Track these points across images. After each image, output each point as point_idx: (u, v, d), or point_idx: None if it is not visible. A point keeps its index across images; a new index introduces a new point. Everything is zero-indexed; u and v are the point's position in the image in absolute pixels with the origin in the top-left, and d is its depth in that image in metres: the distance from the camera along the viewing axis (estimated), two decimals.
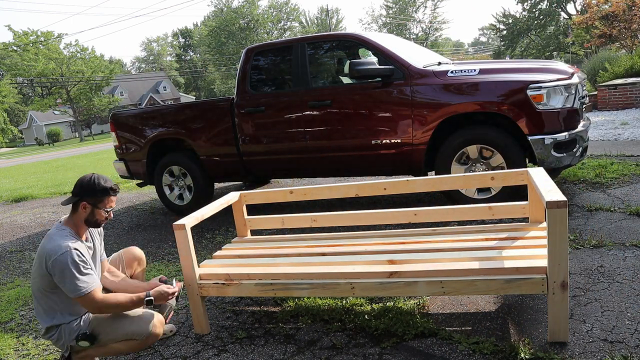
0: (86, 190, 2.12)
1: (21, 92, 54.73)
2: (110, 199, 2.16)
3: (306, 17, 61.68)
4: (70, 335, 2.12)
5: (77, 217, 2.15)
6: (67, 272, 1.98)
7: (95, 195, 2.12)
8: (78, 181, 2.16)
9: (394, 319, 2.37)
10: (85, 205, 2.12)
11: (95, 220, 2.17)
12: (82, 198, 2.12)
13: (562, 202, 1.84)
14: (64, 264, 1.98)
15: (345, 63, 4.65)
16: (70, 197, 2.15)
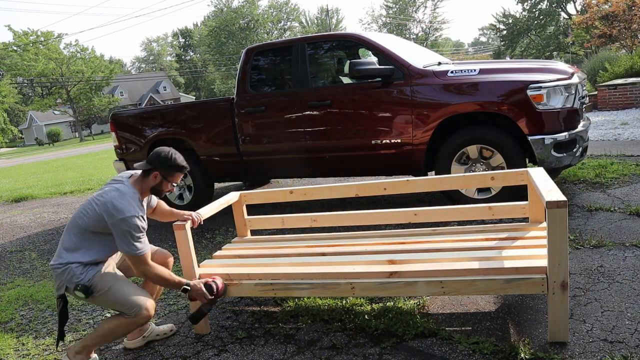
0: (162, 162, 2.26)
1: (21, 92, 54.74)
2: (179, 175, 2.33)
3: (306, 17, 61.71)
4: (72, 278, 2.18)
5: (145, 183, 2.29)
6: (130, 234, 2.12)
7: (168, 169, 2.27)
8: (155, 152, 2.28)
9: (394, 319, 2.37)
10: (157, 175, 2.27)
11: (160, 190, 2.33)
12: (156, 168, 2.26)
13: (562, 202, 1.84)
14: (131, 226, 2.12)
15: (345, 63, 4.65)
16: (144, 163, 2.28)
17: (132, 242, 2.14)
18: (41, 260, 4.40)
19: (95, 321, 2.90)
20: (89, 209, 2.20)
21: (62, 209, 6.83)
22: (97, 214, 2.16)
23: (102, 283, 2.21)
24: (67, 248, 2.23)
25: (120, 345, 2.56)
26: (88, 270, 2.20)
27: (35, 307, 3.26)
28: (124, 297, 2.22)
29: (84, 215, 2.22)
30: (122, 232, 2.12)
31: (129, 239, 2.13)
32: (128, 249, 2.15)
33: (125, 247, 2.15)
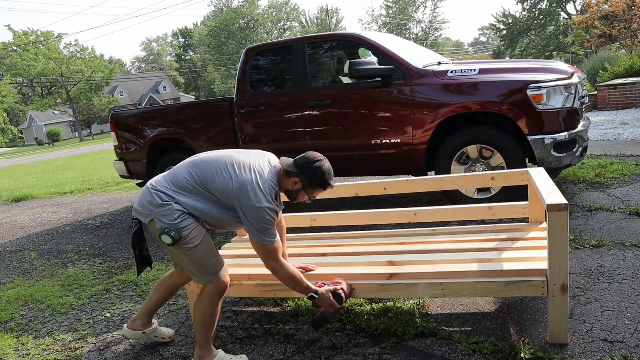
0: (309, 173, 2.04)
1: (21, 92, 54.74)
2: (322, 192, 2.13)
3: (306, 17, 61.72)
4: (166, 217, 1.97)
5: (284, 182, 2.08)
6: (260, 224, 1.96)
7: (311, 182, 2.05)
8: (307, 158, 2.07)
9: (394, 319, 2.37)
10: (297, 182, 2.06)
11: (294, 197, 2.13)
12: (300, 175, 2.05)
13: (563, 205, 1.84)
14: (260, 217, 1.95)
15: (345, 63, 4.65)
16: (292, 164, 2.07)
17: (263, 233, 1.98)
18: (41, 260, 4.40)
19: (95, 321, 2.90)
20: (225, 173, 2.00)
21: (62, 209, 6.83)
22: (227, 185, 1.97)
23: (194, 236, 2.01)
24: (179, 185, 2.03)
25: (121, 345, 2.56)
26: (185, 219, 2.00)
27: (35, 307, 3.26)
28: (207, 259, 2.06)
29: (216, 173, 2.00)
30: (252, 220, 1.96)
31: (260, 229, 1.97)
32: (259, 237, 1.98)
33: (256, 236, 1.99)
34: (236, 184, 1.97)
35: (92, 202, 7.05)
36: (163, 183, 2.06)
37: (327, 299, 2.12)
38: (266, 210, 1.94)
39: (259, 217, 1.95)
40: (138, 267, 2.20)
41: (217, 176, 2.00)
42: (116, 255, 4.24)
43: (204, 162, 2.07)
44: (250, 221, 1.97)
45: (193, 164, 2.09)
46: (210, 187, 2.01)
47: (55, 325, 2.93)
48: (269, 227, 1.98)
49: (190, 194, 2.02)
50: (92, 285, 3.53)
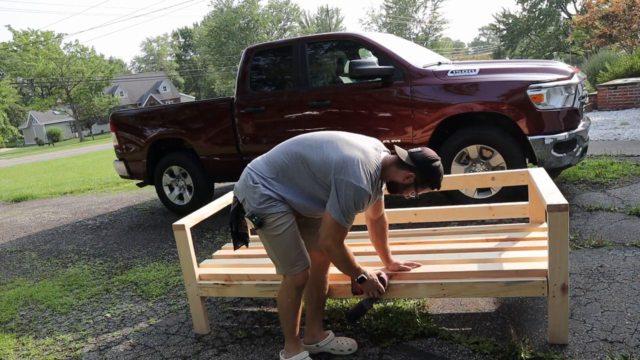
0: (425, 170, 1.92)
1: (21, 92, 54.74)
2: (429, 189, 2.01)
3: (306, 17, 61.70)
4: (254, 199, 1.94)
5: (393, 172, 1.96)
6: (346, 201, 1.84)
7: (425, 180, 1.94)
8: (425, 156, 1.93)
9: (394, 319, 2.37)
10: (410, 176, 1.93)
11: (399, 190, 2.01)
12: (416, 171, 1.93)
13: (563, 205, 1.84)
14: (354, 196, 1.83)
15: (345, 63, 4.65)
16: (409, 157, 1.94)
17: (341, 210, 1.84)
18: (41, 260, 4.40)
19: (95, 321, 2.90)
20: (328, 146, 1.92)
21: (62, 209, 6.83)
22: (329, 158, 1.88)
23: (278, 224, 1.93)
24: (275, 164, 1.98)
25: (121, 345, 2.56)
26: (271, 205, 1.93)
27: (35, 307, 3.26)
28: (288, 250, 1.96)
29: (318, 147, 1.93)
30: (342, 194, 1.83)
31: (343, 204, 1.83)
32: (335, 211, 1.85)
33: (333, 209, 1.85)
34: (338, 156, 1.87)
35: (92, 202, 7.05)
36: (260, 163, 2.02)
37: (374, 282, 2.06)
38: (363, 190, 1.83)
39: (351, 195, 1.83)
40: (234, 242, 2.13)
41: (319, 150, 1.93)
42: (116, 255, 4.24)
43: (306, 138, 2.01)
44: (339, 195, 1.84)
45: (295, 140, 2.03)
46: (309, 160, 1.92)
47: (55, 325, 2.93)
48: (355, 209, 1.87)
49: (284, 175, 1.96)
50: (92, 285, 3.53)
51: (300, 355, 2.07)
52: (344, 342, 2.19)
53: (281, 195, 1.95)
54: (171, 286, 3.28)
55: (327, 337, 2.21)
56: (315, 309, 2.20)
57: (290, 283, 2.01)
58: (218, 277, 2.47)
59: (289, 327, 2.07)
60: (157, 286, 3.31)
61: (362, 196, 1.84)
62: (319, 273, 2.18)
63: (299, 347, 2.09)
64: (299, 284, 2.01)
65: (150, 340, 2.57)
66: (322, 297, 2.21)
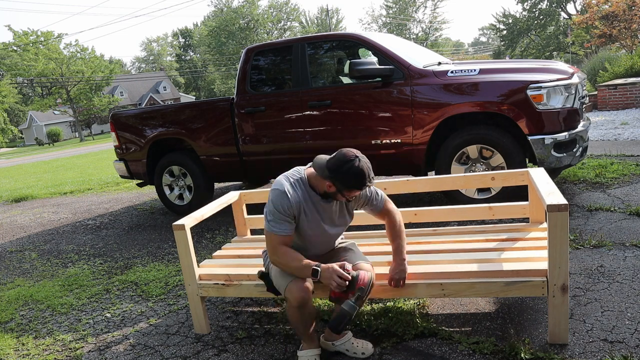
0: (340, 176, 1.90)
1: (21, 92, 54.73)
2: (357, 192, 1.98)
3: (306, 17, 61.69)
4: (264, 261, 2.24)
5: (319, 183, 2.01)
6: (267, 207, 2.00)
7: (345, 185, 1.92)
8: (338, 159, 1.91)
9: (394, 319, 2.37)
10: (331, 185, 1.95)
11: (332, 199, 2.04)
12: (332, 179, 1.93)
13: (563, 205, 1.84)
14: (271, 197, 1.98)
15: (345, 63, 4.65)
16: (324, 166, 1.95)
17: (266, 214, 2.00)
18: (41, 260, 4.40)
19: (95, 321, 2.90)
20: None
21: (62, 209, 6.83)
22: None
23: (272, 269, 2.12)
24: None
25: (121, 345, 2.56)
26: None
27: (35, 307, 3.26)
28: (278, 274, 2.07)
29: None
30: (267, 204, 2.01)
31: (268, 211, 1.99)
32: (265, 221, 2.02)
33: (265, 219, 2.02)
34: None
35: (92, 202, 7.05)
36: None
37: (328, 269, 1.96)
38: (277, 190, 1.96)
39: (270, 198, 1.98)
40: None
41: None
42: (116, 255, 4.24)
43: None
44: (266, 206, 2.02)
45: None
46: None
47: (55, 325, 2.93)
48: (276, 210, 1.95)
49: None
50: (92, 285, 3.53)
51: (309, 352, 2.10)
52: (360, 345, 2.16)
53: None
54: (171, 286, 3.28)
55: (344, 337, 2.18)
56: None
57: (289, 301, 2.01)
58: (218, 277, 2.47)
59: (301, 334, 2.12)
60: (157, 286, 3.31)
61: (277, 196, 1.96)
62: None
63: (312, 344, 2.12)
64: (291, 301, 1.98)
65: (150, 340, 2.57)
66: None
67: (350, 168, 1.89)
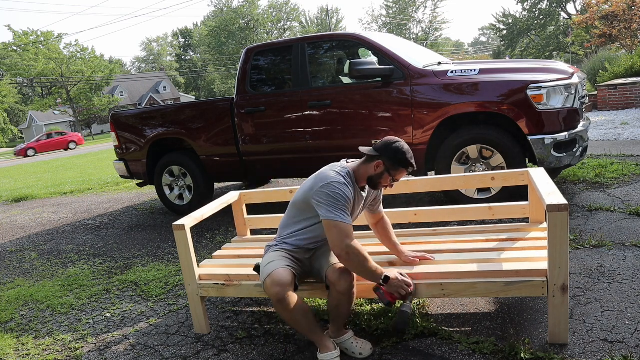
0: (390, 153, 2.04)
1: (21, 92, 54.73)
2: (404, 172, 2.09)
3: (306, 17, 61.69)
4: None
5: (364, 169, 2.09)
6: (332, 198, 1.96)
7: (394, 163, 2.04)
8: (386, 141, 2.08)
9: (394, 319, 2.37)
10: (379, 164, 2.05)
11: (377, 182, 2.10)
12: (382, 157, 2.05)
13: (563, 205, 1.84)
14: (330, 190, 1.97)
15: (345, 63, 4.65)
16: (370, 148, 2.08)
17: (330, 208, 1.95)
18: (41, 260, 4.40)
19: (95, 321, 2.90)
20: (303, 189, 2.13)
21: (62, 209, 6.83)
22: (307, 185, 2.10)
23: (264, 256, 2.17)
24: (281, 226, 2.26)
25: (121, 345, 2.56)
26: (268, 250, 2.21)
27: (35, 307, 3.26)
28: (263, 266, 2.10)
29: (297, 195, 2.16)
30: (324, 197, 1.97)
31: (327, 204, 1.96)
32: (327, 213, 1.95)
33: (324, 213, 1.96)
34: (312, 182, 2.07)
35: (92, 202, 7.05)
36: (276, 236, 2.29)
37: (398, 280, 2.02)
38: (332, 183, 1.98)
39: (327, 191, 1.97)
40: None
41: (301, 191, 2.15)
42: (116, 255, 4.24)
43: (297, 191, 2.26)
44: (321, 200, 1.98)
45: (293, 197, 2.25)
46: (299, 201, 2.13)
47: (55, 325, 2.93)
48: (340, 200, 1.96)
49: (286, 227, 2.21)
50: (92, 285, 3.53)
51: (329, 354, 2.07)
52: (359, 345, 2.16)
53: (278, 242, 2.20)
54: (171, 286, 3.28)
55: (344, 336, 2.18)
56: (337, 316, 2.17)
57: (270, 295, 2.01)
58: (218, 277, 2.47)
59: (305, 333, 2.11)
60: (157, 286, 3.31)
61: (337, 187, 1.97)
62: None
63: (328, 345, 2.10)
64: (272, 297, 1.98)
65: (150, 340, 2.57)
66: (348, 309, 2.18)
67: (399, 146, 2.04)
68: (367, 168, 2.08)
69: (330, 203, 1.96)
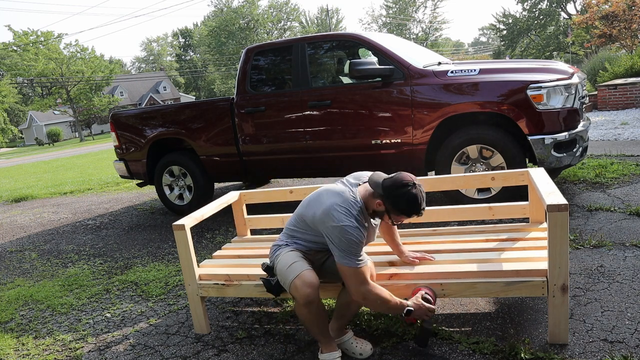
0: (392, 197, 1.91)
1: (21, 92, 54.74)
2: (405, 218, 1.99)
3: (306, 17, 61.68)
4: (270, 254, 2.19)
5: (370, 202, 1.99)
6: (343, 244, 1.90)
7: (394, 207, 1.93)
8: (395, 181, 1.92)
9: (394, 319, 2.37)
10: (380, 204, 1.95)
11: (379, 216, 2.02)
12: (384, 199, 1.93)
13: (562, 205, 1.84)
14: (343, 236, 1.89)
15: (345, 63, 4.65)
16: (379, 184, 1.95)
17: (349, 255, 1.90)
18: (41, 260, 4.40)
19: (95, 321, 2.90)
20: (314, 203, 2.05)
21: (62, 209, 6.83)
22: (315, 214, 2.00)
23: (279, 255, 2.09)
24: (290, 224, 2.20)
25: (121, 345, 2.56)
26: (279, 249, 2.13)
27: (35, 307, 3.26)
28: (284, 267, 2.02)
29: (309, 206, 2.08)
30: (336, 241, 1.91)
31: (343, 249, 1.90)
32: (346, 260, 1.91)
33: (341, 259, 1.91)
34: (320, 210, 1.98)
35: (92, 202, 7.05)
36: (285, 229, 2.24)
37: (422, 308, 2.01)
38: (344, 228, 1.88)
39: (341, 236, 1.89)
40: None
41: (309, 208, 2.07)
42: (116, 255, 4.24)
43: (306, 200, 2.14)
44: (334, 242, 1.93)
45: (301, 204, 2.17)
46: (307, 220, 2.07)
47: (55, 325, 2.93)
48: (353, 246, 1.90)
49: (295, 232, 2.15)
50: (92, 285, 3.53)
51: (329, 355, 2.07)
52: (359, 345, 2.16)
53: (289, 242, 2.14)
54: (171, 286, 3.28)
55: (344, 336, 2.18)
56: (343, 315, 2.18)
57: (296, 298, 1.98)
58: (218, 277, 2.47)
59: (314, 333, 2.08)
60: (157, 286, 3.31)
61: (350, 232, 1.89)
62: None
63: (331, 346, 2.09)
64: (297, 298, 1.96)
65: (150, 340, 2.57)
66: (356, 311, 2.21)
67: (406, 193, 1.89)
68: (371, 202, 1.99)
69: (343, 249, 1.90)
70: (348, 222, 1.90)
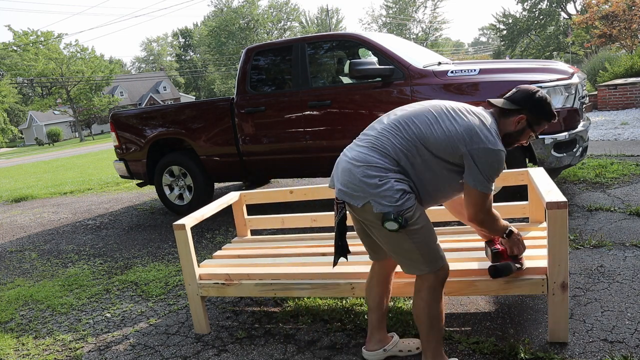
0: (534, 106, 1.77)
1: (21, 92, 54.75)
2: (546, 126, 1.85)
3: (306, 17, 61.70)
4: (387, 197, 1.66)
5: (502, 125, 1.81)
6: (489, 170, 1.70)
7: (539, 115, 1.78)
8: (526, 91, 1.80)
9: (394, 319, 2.37)
10: (521, 119, 1.79)
11: (515, 140, 1.85)
12: (523, 111, 1.78)
13: (562, 203, 1.84)
14: (495, 161, 1.70)
15: (345, 63, 4.65)
16: (508, 101, 1.81)
17: (486, 179, 1.70)
18: (41, 260, 4.40)
19: (95, 321, 2.90)
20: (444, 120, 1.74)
21: (62, 209, 6.83)
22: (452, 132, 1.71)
23: (418, 216, 1.72)
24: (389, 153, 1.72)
25: (121, 345, 2.56)
26: (408, 198, 1.68)
27: (35, 307, 3.26)
28: (432, 242, 1.76)
29: (432, 124, 1.73)
30: (486, 166, 1.69)
31: (486, 174, 1.70)
32: (481, 184, 1.71)
33: (477, 182, 1.71)
34: (462, 127, 1.71)
35: (92, 202, 7.05)
36: (368, 154, 1.74)
37: (519, 235, 1.97)
38: (501, 152, 1.70)
39: (493, 161, 1.69)
40: (336, 256, 1.93)
41: (435, 126, 1.73)
42: (116, 255, 4.24)
43: (410, 118, 1.77)
44: (480, 167, 1.69)
45: (397, 123, 1.77)
46: (429, 140, 1.71)
47: (55, 325, 2.93)
48: (497, 173, 1.73)
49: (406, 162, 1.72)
50: (92, 285, 3.53)
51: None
52: (409, 342, 2.10)
53: (410, 184, 1.73)
54: (171, 286, 3.28)
55: (393, 340, 2.11)
56: (383, 315, 2.08)
57: (434, 282, 1.78)
58: (218, 277, 2.47)
59: (438, 338, 1.83)
60: (157, 286, 3.31)
61: (502, 158, 1.71)
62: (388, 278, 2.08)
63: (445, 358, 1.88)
64: (444, 278, 1.81)
65: (150, 340, 2.57)
66: (388, 302, 2.11)
67: (541, 97, 1.79)
68: (506, 124, 1.80)
69: (486, 174, 1.70)
70: (501, 147, 1.72)
